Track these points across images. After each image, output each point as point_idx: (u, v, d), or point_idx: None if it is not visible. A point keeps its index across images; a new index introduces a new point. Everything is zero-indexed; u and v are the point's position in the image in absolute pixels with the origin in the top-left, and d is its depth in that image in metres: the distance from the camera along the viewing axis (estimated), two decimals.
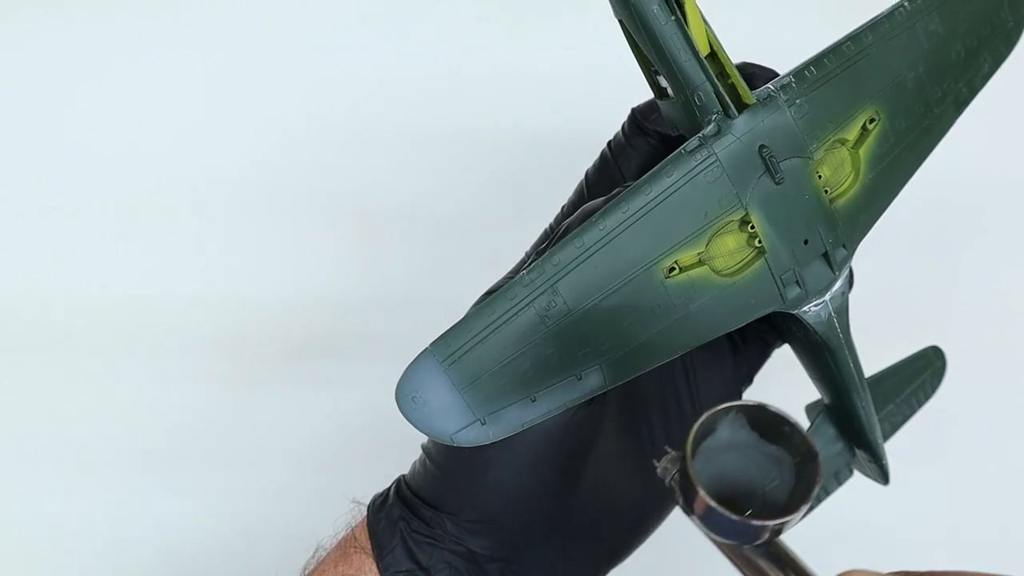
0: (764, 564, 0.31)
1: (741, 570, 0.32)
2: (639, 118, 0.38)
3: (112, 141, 0.61)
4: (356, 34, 0.62)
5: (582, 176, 0.40)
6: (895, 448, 0.40)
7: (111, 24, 0.61)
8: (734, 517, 0.29)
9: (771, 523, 0.29)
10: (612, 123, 0.40)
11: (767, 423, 0.31)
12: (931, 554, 0.54)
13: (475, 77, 0.61)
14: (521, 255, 0.40)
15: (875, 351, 0.40)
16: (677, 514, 0.39)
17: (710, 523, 0.30)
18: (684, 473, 0.30)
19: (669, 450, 0.31)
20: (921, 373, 0.42)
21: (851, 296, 0.36)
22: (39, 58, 0.61)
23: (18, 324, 0.59)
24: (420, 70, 0.61)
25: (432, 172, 0.60)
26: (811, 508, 0.41)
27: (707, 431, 0.30)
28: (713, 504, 0.29)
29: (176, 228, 0.60)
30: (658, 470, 0.31)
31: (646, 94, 0.38)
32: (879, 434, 0.39)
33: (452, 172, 0.60)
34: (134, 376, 0.59)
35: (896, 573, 0.28)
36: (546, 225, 0.40)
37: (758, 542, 0.30)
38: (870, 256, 0.37)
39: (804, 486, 0.30)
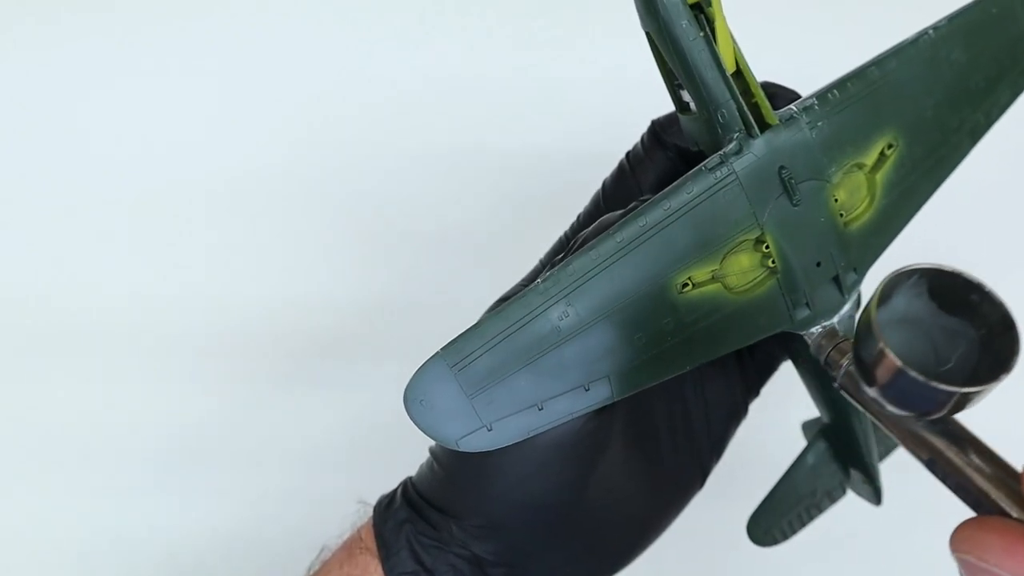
0: (939, 443, 0.26)
1: (912, 451, 0.27)
2: (659, 130, 0.35)
3: (118, 143, 0.58)
4: (366, 39, 0.59)
5: (598, 186, 0.37)
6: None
7: (118, 26, 0.58)
8: (924, 380, 0.24)
9: (966, 390, 0.24)
10: (627, 135, 0.38)
11: (952, 291, 0.26)
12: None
13: (490, 85, 0.58)
14: (532, 260, 0.38)
15: None
16: (677, 523, 0.37)
17: (891, 390, 0.25)
18: (864, 336, 0.25)
19: (823, 326, 0.28)
20: None
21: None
22: (51, 60, 0.59)
23: (21, 324, 0.57)
24: (431, 76, 0.59)
25: (442, 177, 0.58)
26: (804, 525, 0.39)
27: (884, 297, 0.25)
28: (902, 365, 0.24)
29: (182, 230, 0.58)
30: (811, 347, 0.28)
31: (660, 108, 0.36)
32: (875, 456, 0.37)
33: (463, 177, 0.58)
34: (139, 377, 0.56)
35: None
36: (560, 233, 0.38)
37: (937, 415, 0.25)
38: (874, 270, 0.34)
39: (994, 359, 0.25)
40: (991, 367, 0.25)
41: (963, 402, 0.25)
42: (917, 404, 0.25)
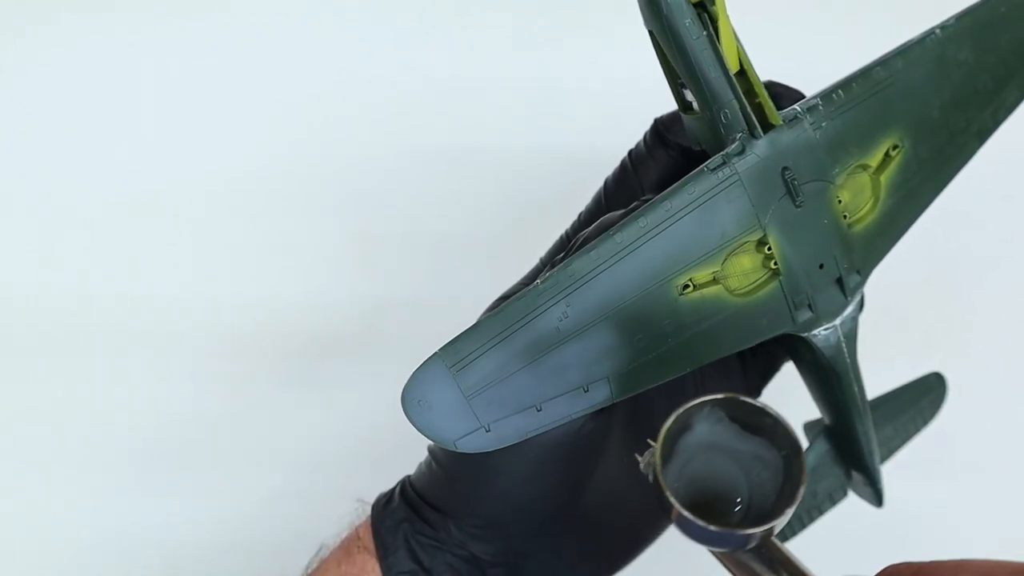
0: (757, 566, 0.27)
1: (733, 573, 0.28)
2: (661, 129, 0.35)
3: (118, 142, 0.57)
4: (366, 39, 0.58)
5: (600, 184, 0.37)
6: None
7: (118, 26, 0.58)
8: (712, 528, 0.24)
9: (756, 531, 0.25)
10: (629, 133, 0.37)
11: (747, 416, 0.26)
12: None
13: (490, 85, 0.58)
14: (532, 259, 0.37)
15: (875, 370, 0.37)
16: None
17: (689, 532, 0.25)
18: (657, 481, 0.26)
19: (652, 443, 0.27)
20: (920, 399, 0.39)
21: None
22: (51, 60, 0.58)
23: (21, 324, 0.56)
24: (431, 76, 0.58)
25: (442, 177, 0.57)
26: (804, 526, 0.38)
27: (682, 428, 0.26)
28: (688, 515, 0.25)
29: (182, 230, 0.57)
30: (641, 466, 0.27)
31: (662, 106, 0.36)
32: (877, 458, 0.36)
33: (463, 177, 0.57)
34: (139, 377, 0.55)
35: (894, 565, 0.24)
36: (561, 232, 0.37)
37: (747, 547, 0.26)
38: (876, 274, 0.34)
39: (791, 484, 0.25)
40: (790, 493, 0.25)
41: (768, 533, 0.25)
42: (718, 544, 0.25)
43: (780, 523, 0.25)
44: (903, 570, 0.24)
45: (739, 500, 0.27)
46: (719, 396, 0.26)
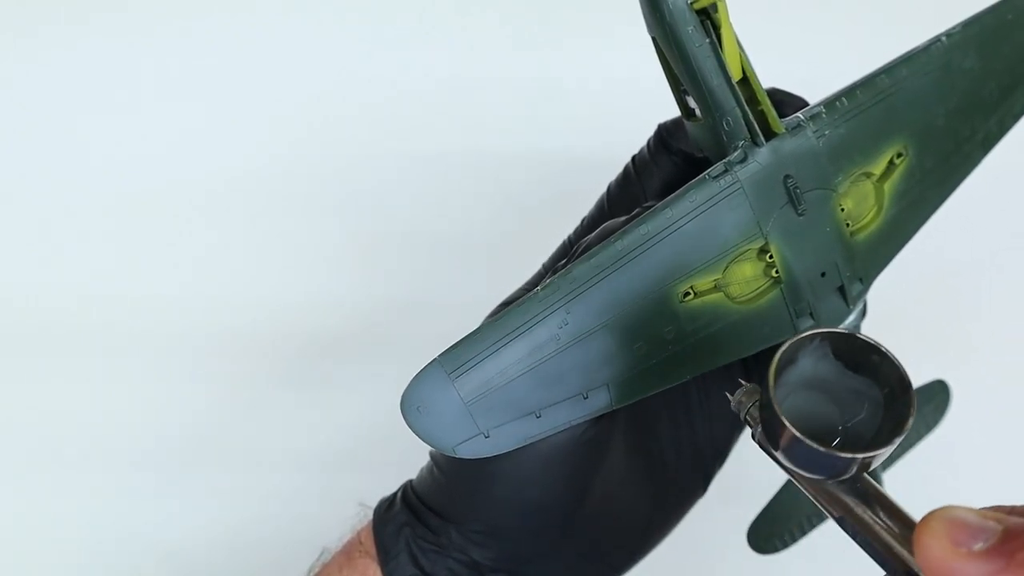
0: (850, 501, 0.26)
1: (825, 508, 0.27)
2: (665, 135, 0.34)
3: (118, 142, 0.57)
4: (366, 39, 0.58)
5: (603, 189, 0.36)
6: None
7: (118, 26, 0.57)
8: (820, 449, 0.24)
9: (860, 456, 0.25)
10: (632, 138, 0.37)
11: (853, 352, 0.26)
12: None
13: (491, 86, 0.57)
14: (534, 261, 0.37)
15: None
16: (678, 528, 0.36)
17: (793, 456, 0.25)
18: (766, 404, 0.25)
19: (743, 382, 0.27)
20: (924, 406, 0.38)
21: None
22: (51, 60, 0.57)
23: (21, 324, 0.56)
24: (431, 76, 0.58)
25: (443, 177, 0.57)
26: (805, 533, 0.38)
27: (789, 360, 0.26)
28: (799, 435, 0.24)
29: (181, 230, 0.57)
30: (732, 403, 0.27)
31: (666, 111, 0.35)
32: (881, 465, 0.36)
33: (463, 178, 0.57)
34: (139, 377, 0.55)
35: (992, 508, 0.23)
36: (563, 235, 0.37)
37: (844, 477, 0.26)
38: (879, 281, 0.33)
39: (895, 419, 0.25)
40: (893, 427, 0.25)
41: (866, 464, 0.25)
42: (818, 468, 0.25)
43: (882, 454, 0.25)
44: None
45: (835, 439, 0.26)
46: (830, 330, 0.26)
